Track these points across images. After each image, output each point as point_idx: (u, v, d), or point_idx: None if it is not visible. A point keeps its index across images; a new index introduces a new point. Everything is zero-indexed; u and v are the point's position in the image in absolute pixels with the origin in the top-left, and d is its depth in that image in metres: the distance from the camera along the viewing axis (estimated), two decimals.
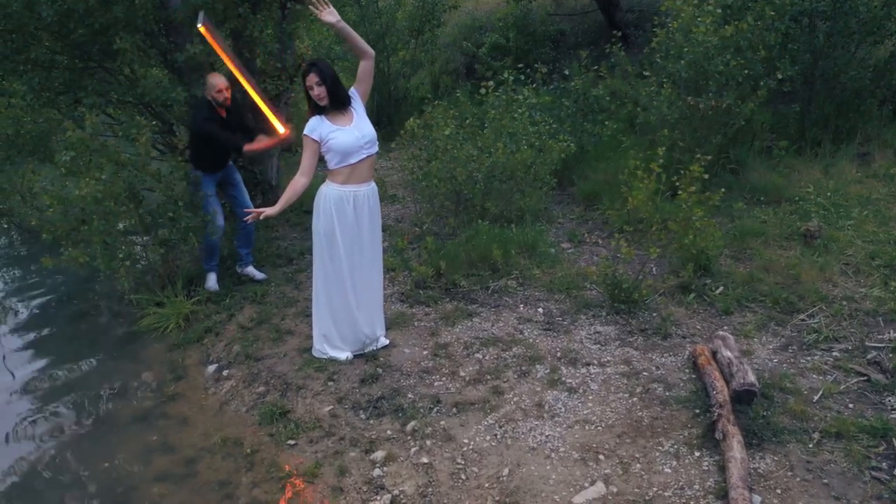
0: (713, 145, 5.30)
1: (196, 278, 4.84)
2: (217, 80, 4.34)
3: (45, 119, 5.51)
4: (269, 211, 3.42)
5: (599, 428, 3.02)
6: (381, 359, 3.70)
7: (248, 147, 4.38)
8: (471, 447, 3.01)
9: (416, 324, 4.05)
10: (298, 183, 3.35)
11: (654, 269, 4.40)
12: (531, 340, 3.75)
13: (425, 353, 3.74)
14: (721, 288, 4.05)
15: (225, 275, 4.92)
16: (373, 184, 3.51)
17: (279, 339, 4.05)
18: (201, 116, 4.35)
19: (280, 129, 4.16)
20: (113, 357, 4.30)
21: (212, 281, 4.79)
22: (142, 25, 4.63)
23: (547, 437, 3.00)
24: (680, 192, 3.87)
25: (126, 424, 3.59)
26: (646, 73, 5.21)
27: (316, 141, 3.31)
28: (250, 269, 4.88)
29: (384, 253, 5.23)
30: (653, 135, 5.24)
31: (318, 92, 3.25)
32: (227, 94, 4.36)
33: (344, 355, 3.69)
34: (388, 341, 3.80)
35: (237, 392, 3.68)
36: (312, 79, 3.24)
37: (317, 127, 3.32)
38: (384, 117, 9.35)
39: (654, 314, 3.89)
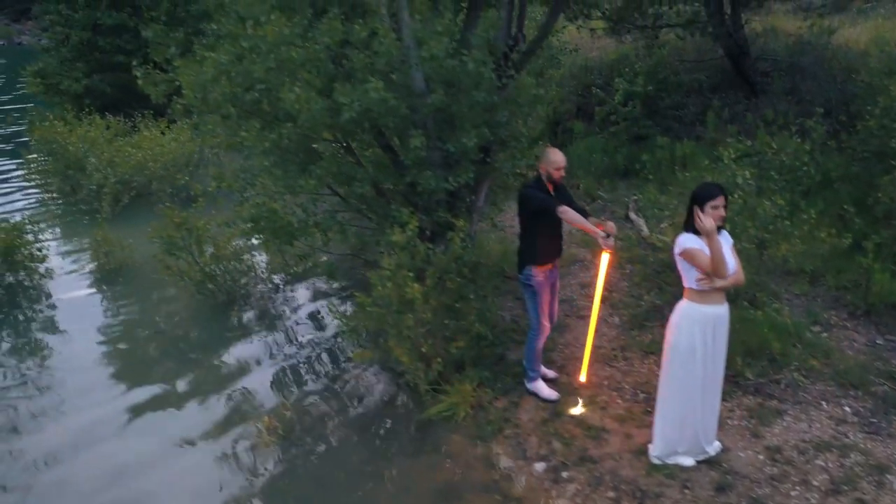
0: None
1: (466, 364, 4.93)
2: (558, 157, 4.19)
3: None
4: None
5: None
6: (724, 465, 3.85)
7: (568, 217, 4.07)
8: None
9: (727, 422, 4.20)
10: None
11: None
12: (861, 445, 3.91)
13: (761, 457, 3.90)
14: None
15: (479, 358, 5.01)
16: (727, 304, 3.66)
17: (597, 436, 4.20)
18: (532, 188, 4.25)
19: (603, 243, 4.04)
20: (417, 451, 4.39)
21: (544, 391, 4.60)
22: (420, 121, 4.77)
23: None
24: None
25: None
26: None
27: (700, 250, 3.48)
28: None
29: (613, 329, 5.34)
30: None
31: (723, 214, 3.45)
32: (563, 174, 4.23)
33: (690, 461, 3.84)
34: (721, 445, 3.96)
35: (586, 497, 3.81)
36: (722, 200, 3.43)
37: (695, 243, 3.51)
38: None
39: None
